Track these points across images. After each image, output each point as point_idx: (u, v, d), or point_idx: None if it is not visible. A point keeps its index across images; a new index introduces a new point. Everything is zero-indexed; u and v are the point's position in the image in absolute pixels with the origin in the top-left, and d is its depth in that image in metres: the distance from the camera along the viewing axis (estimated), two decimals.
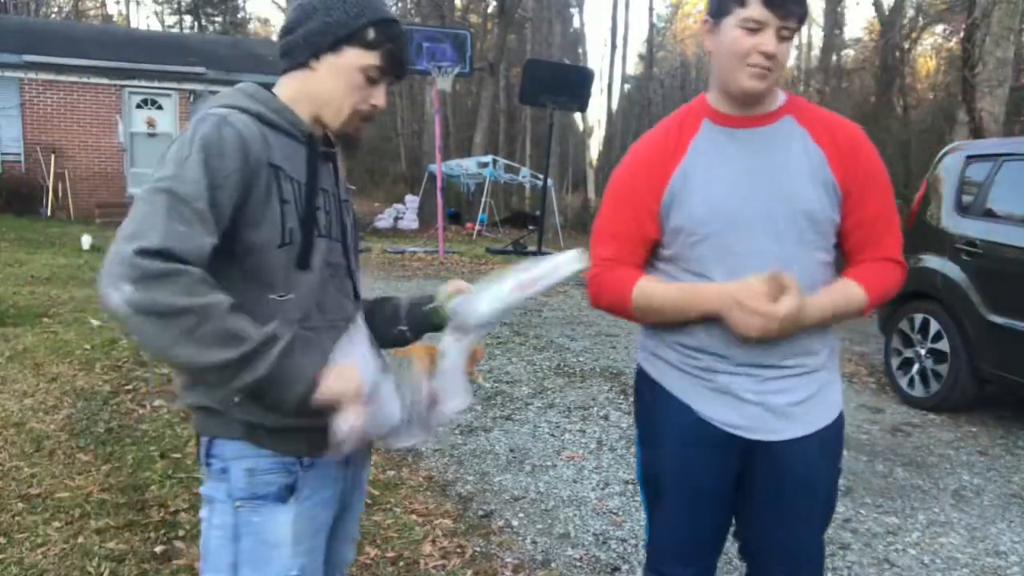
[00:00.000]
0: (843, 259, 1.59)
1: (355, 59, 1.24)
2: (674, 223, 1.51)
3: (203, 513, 1.27)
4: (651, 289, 1.54)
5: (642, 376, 1.68)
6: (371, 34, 1.24)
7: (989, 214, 4.55)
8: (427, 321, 1.44)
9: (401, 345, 1.48)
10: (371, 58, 1.24)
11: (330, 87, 1.26)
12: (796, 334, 1.47)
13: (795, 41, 1.50)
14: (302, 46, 1.25)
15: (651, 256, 1.59)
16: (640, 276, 1.56)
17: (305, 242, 1.23)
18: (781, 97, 1.53)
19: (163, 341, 1.04)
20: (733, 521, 1.70)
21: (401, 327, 1.47)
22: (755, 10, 1.38)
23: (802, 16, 1.42)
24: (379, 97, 1.28)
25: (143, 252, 1.02)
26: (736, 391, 1.52)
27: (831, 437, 1.59)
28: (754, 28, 1.39)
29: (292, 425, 1.19)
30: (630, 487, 3.30)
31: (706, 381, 1.55)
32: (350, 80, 1.25)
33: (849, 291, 1.52)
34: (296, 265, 1.22)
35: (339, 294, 1.32)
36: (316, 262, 1.25)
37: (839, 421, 1.61)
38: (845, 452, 3.94)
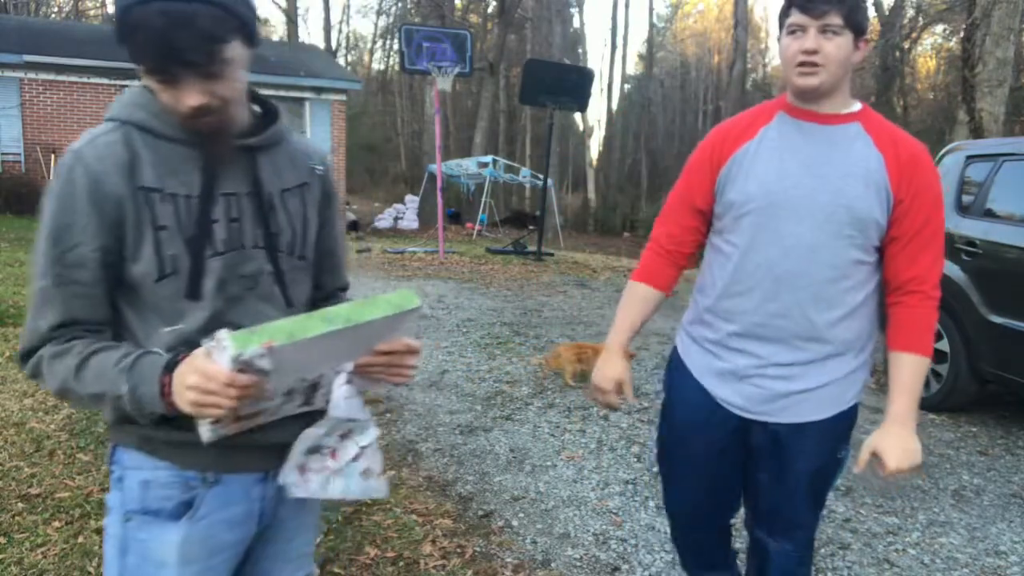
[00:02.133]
0: (880, 264, 1.66)
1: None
2: (728, 196, 1.66)
3: (104, 521, 1.23)
4: (632, 292, 1.82)
5: (672, 353, 1.88)
6: (120, 34, 1.03)
7: (989, 214, 4.55)
8: None
9: None
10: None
11: (158, 90, 1.09)
12: (809, 319, 1.61)
13: (865, 34, 1.60)
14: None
15: (707, 227, 1.78)
16: (650, 280, 1.81)
17: (194, 269, 1.11)
18: (856, 106, 1.64)
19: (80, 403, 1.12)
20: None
21: None
22: (794, 16, 1.55)
23: (845, 11, 1.51)
24: (188, 98, 1.05)
25: (21, 359, 1.14)
26: (740, 371, 1.68)
27: (832, 428, 1.68)
28: (796, 32, 1.55)
29: (193, 439, 1.08)
30: (630, 487, 3.30)
31: (716, 358, 1.72)
32: (157, 87, 1.08)
33: (911, 368, 1.61)
34: (185, 296, 1.12)
35: (263, 305, 1.19)
36: (209, 288, 1.13)
37: (846, 415, 1.70)
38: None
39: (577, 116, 31.72)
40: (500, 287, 8.62)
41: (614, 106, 37.09)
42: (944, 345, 4.59)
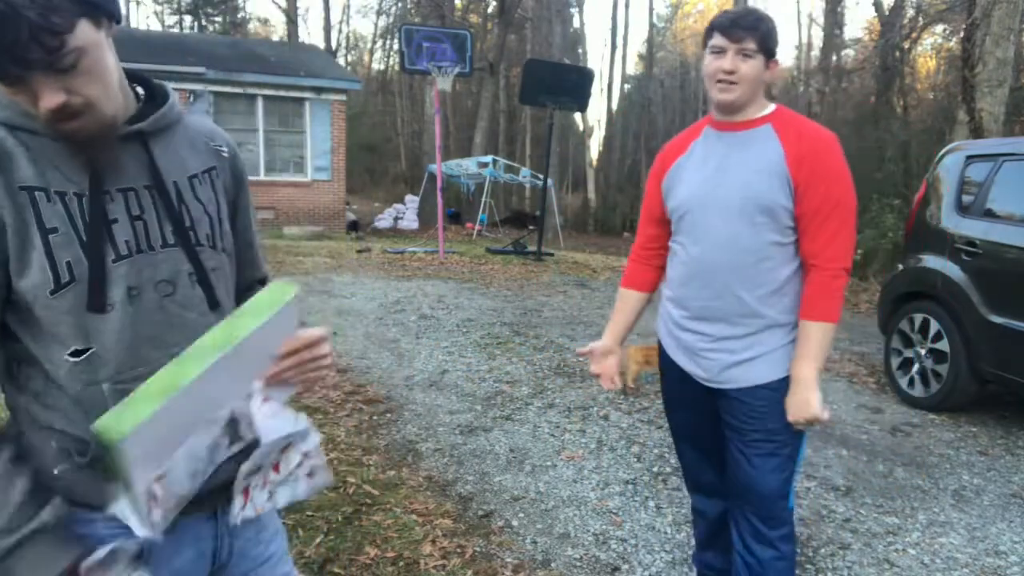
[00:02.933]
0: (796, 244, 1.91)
1: None
2: (669, 204, 2.01)
3: None
4: (619, 295, 2.22)
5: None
6: None
7: (989, 214, 4.55)
8: None
9: None
10: None
11: (4, 94, 0.95)
12: (740, 298, 1.87)
13: (775, 57, 1.87)
14: None
15: (669, 232, 2.08)
16: (630, 284, 2.20)
17: (94, 274, 0.95)
18: (770, 108, 1.90)
19: None
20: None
21: None
22: (716, 39, 1.83)
23: (758, 38, 1.79)
24: (44, 99, 0.91)
25: None
26: (694, 348, 1.99)
27: (782, 392, 1.87)
28: (717, 52, 1.83)
29: None
30: (630, 487, 3.30)
31: (677, 336, 2.04)
32: (3, 90, 0.94)
33: (813, 334, 1.85)
34: (88, 308, 0.95)
35: (184, 312, 1.04)
36: (118, 298, 0.97)
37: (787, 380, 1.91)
38: (844, 451, 3.94)
39: (577, 116, 31.71)
40: (500, 287, 8.61)
41: (614, 106, 37.08)
42: (944, 345, 4.58)
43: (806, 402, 1.82)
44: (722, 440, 2.05)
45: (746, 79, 1.81)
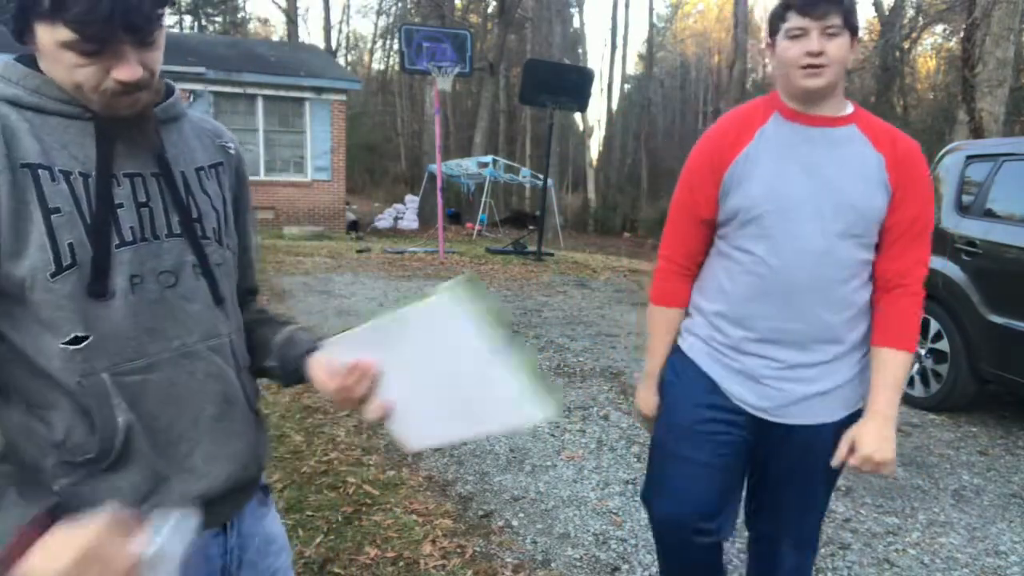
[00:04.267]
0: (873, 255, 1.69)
1: (48, 36, 0.87)
2: (732, 202, 1.64)
3: None
4: (659, 317, 1.82)
5: (674, 352, 1.82)
6: (46, 2, 0.85)
7: (989, 214, 4.55)
8: (299, 371, 1.11)
9: (271, 378, 1.18)
10: (62, 33, 0.86)
11: (54, 70, 0.91)
12: (825, 322, 1.61)
13: (858, 34, 1.63)
14: (9, 23, 0.91)
15: (713, 234, 1.74)
16: (674, 301, 1.80)
17: (98, 258, 0.91)
18: (849, 108, 1.67)
19: None
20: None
21: (271, 362, 1.15)
22: (794, 20, 1.56)
23: (843, 12, 1.54)
24: (121, 70, 0.89)
25: None
26: (758, 374, 1.66)
27: (844, 430, 1.65)
28: (797, 35, 1.56)
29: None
30: (630, 487, 3.30)
31: (731, 360, 1.69)
32: (61, 60, 0.89)
33: (895, 365, 1.62)
34: (89, 293, 0.90)
35: (187, 304, 1.00)
36: (120, 285, 0.93)
37: (855, 417, 1.68)
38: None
39: (577, 116, 31.72)
40: (500, 287, 8.61)
41: (614, 106, 37.10)
42: (944, 345, 4.59)
43: (887, 440, 1.59)
44: (739, 479, 1.82)
45: (836, 60, 1.55)
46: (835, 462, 1.63)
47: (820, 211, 1.58)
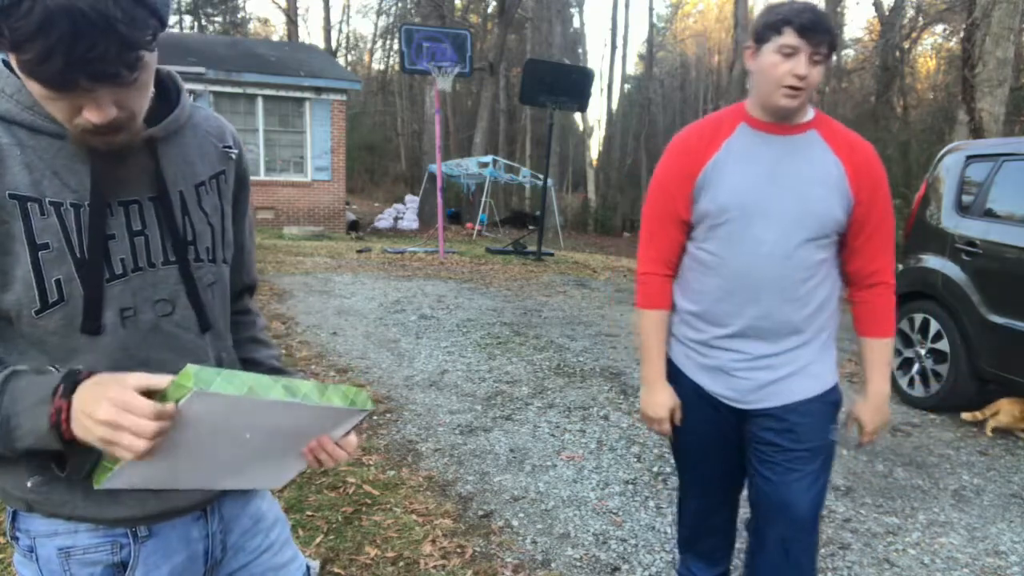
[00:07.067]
0: (842, 254, 1.81)
1: (22, 67, 0.80)
2: (702, 206, 1.75)
3: None
4: (649, 322, 1.89)
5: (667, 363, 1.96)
6: (6, 41, 0.78)
7: (989, 214, 4.55)
8: None
9: None
10: (30, 66, 0.79)
11: (39, 97, 0.86)
12: (788, 318, 1.74)
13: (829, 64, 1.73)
14: None
15: (687, 236, 1.85)
16: (661, 303, 1.88)
17: (90, 298, 0.89)
18: (810, 113, 1.75)
19: None
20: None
21: None
22: (790, 38, 1.60)
23: (832, 43, 1.62)
24: (93, 112, 0.84)
25: None
26: (727, 368, 1.80)
27: (820, 408, 1.80)
28: (789, 53, 1.61)
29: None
30: (630, 487, 3.30)
31: (701, 356, 1.84)
32: (41, 94, 0.84)
33: (884, 350, 1.85)
34: (82, 331, 0.90)
35: (182, 334, 0.99)
36: (109, 318, 0.91)
37: (829, 394, 1.82)
38: (845, 452, 3.93)
39: (577, 116, 31.74)
40: (500, 287, 8.61)
41: (614, 106, 37.12)
42: (944, 345, 4.58)
43: (884, 412, 1.84)
44: (741, 478, 1.95)
45: (812, 86, 1.63)
46: (842, 432, 1.83)
47: (781, 216, 1.69)
